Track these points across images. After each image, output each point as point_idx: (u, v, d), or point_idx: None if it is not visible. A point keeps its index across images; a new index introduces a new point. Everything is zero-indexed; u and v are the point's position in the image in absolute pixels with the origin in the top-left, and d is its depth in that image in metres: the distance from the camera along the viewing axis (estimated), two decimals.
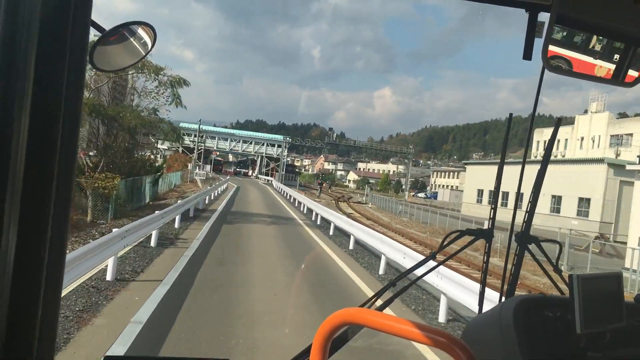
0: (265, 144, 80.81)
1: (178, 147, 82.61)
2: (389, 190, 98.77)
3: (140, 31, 1.07)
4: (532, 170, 1.35)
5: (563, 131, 63.75)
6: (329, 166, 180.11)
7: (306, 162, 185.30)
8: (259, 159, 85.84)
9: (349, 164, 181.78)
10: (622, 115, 71.45)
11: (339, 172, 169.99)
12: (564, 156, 57.59)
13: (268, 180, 70.51)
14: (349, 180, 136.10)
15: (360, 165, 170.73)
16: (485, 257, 1.32)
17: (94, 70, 0.97)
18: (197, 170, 42.35)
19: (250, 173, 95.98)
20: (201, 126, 77.04)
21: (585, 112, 59.48)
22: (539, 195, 1.26)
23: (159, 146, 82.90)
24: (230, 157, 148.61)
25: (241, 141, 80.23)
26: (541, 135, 64.60)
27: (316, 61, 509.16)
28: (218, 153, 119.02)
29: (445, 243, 1.25)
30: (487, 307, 1.23)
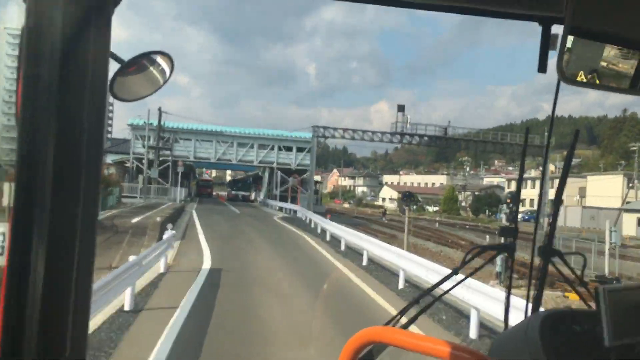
0: (276, 148, 48.23)
1: (127, 161, 50.34)
2: (464, 212, 66.18)
3: (159, 60, 1.11)
4: None
5: None
6: (345, 182, 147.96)
7: (315, 178, 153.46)
8: (267, 172, 53.29)
9: (370, 177, 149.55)
10: None
11: (359, 189, 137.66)
12: None
13: (289, 210, 37.71)
14: (383, 199, 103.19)
15: (388, 178, 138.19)
16: (509, 272, 1.29)
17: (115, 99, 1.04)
18: None
19: (253, 197, 63.24)
20: (166, 122, 44.58)
21: None
22: (560, 208, 1.26)
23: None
24: (228, 175, 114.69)
25: (235, 144, 47.72)
26: None
27: (312, 79, 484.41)
28: (206, 173, 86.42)
29: (468, 259, 1.22)
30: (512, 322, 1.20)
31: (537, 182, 75.89)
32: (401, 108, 38.83)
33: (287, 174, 48.41)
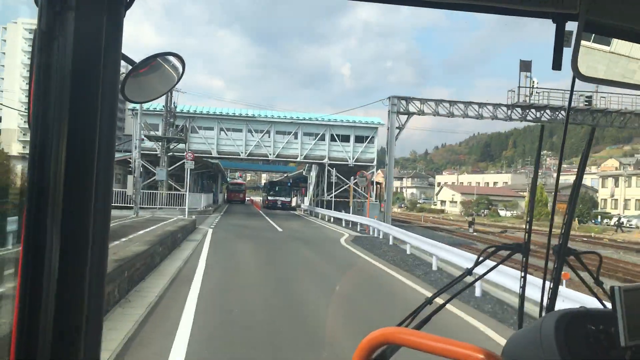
0: (328, 137, 35.69)
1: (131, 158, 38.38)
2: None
3: (170, 61, 1.11)
4: None
5: None
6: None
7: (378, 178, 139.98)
8: (314, 171, 40.86)
9: (419, 178, 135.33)
10: None
11: (408, 191, 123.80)
12: None
13: (354, 224, 25.06)
14: (442, 202, 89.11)
15: (440, 178, 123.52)
16: (523, 272, 1.28)
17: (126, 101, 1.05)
18: None
19: (294, 203, 50.87)
20: (177, 104, 32.84)
21: None
22: (575, 206, 1.25)
23: None
24: (264, 179, 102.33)
25: (272, 133, 35.53)
26: None
27: (347, 79, 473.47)
28: (239, 175, 75.21)
29: (481, 259, 1.24)
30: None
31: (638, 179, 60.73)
32: (526, 66, 24.80)
33: (342, 173, 35.78)
